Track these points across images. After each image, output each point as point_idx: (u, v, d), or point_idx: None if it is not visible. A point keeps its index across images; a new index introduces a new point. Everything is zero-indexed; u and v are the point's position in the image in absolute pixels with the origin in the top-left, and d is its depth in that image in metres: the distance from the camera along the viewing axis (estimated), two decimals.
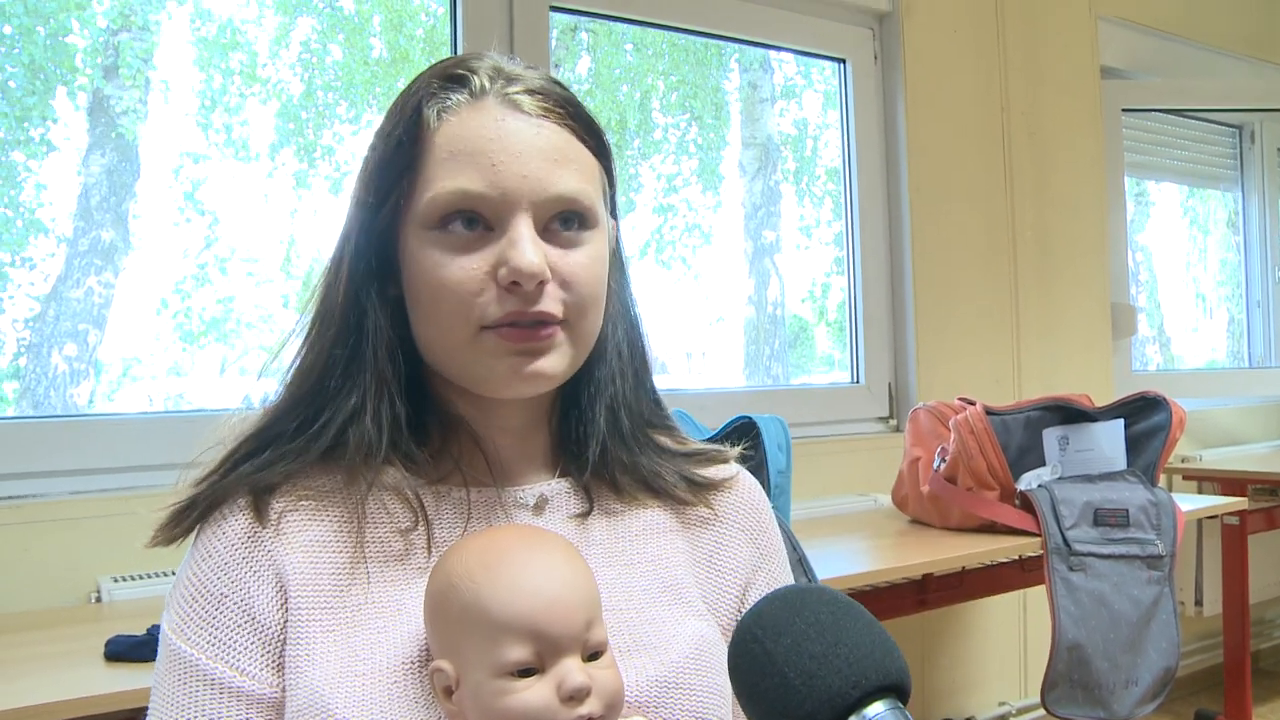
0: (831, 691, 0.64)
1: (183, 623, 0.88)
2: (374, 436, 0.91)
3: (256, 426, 0.94)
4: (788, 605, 0.70)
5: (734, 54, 3.35)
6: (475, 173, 0.88)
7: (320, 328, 0.94)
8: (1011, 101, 3.59)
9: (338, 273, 0.93)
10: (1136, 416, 2.59)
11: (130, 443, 2.15)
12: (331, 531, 0.91)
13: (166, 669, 0.88)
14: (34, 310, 2.25)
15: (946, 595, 2.51)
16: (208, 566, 0.89)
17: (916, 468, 2.64)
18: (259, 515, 0.90)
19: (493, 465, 0.98)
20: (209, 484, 0.91)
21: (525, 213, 0.88)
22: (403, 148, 0.90)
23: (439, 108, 0.90)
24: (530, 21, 2.70)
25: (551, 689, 0.79)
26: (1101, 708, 2.35)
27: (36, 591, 1.98)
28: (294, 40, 2.51)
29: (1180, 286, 4.73)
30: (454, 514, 0.95)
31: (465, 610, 0.81)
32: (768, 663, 0.67)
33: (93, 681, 1.46)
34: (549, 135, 0.90)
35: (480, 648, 0.80)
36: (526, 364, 0.89)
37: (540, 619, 0.80)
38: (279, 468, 0.91)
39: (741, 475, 1.10)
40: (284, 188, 2.49)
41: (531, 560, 0.84)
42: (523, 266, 0.86)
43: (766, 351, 3.42)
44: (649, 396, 1.06)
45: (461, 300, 0.88)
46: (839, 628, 0.67)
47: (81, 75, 2.29)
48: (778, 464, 2.12)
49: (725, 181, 3.31)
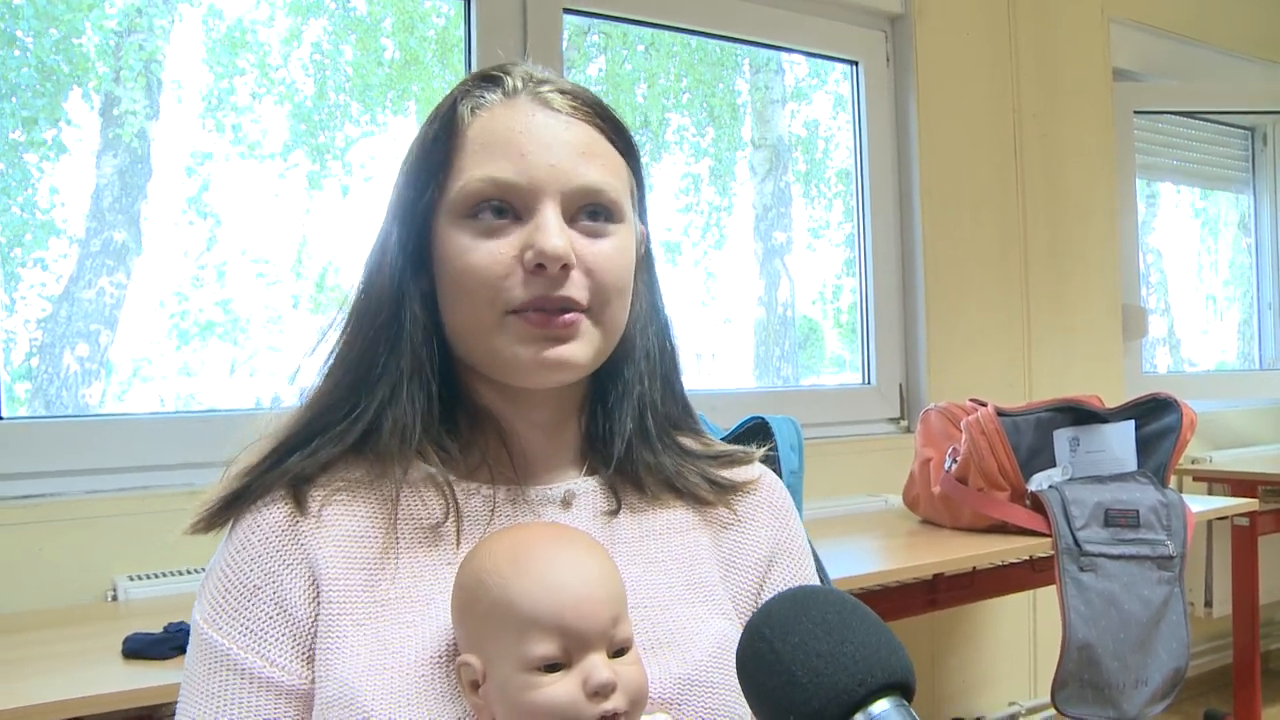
0: (838, 689, 0.64)
1: (215, 613, 0.89)
2: (409, 420, 0.93)
3: (302, 419, 0.95)
4: (795, 605, 0.71)
5: (745, 56, 3.36)
6: (505, 162, 0.91)
7: (363, 320, 0.96)
8: (1023, 103, 3.59)
9: (380, 265, 0.96)
10: (1147, 418, 2.58)
11: (144, 442, 2.16)
12: (364, 524, 0.92)
13: (198, 658, 0.89)
14: (46, 311, 2.26)
15: (957, 595, 2.51)
16: (242, 558, 0.90)
17: (928, 468, 2.65)
18: (299, 506, 0.91)
19: (519, 461, 0.99)
20: (258, 473, 0.93)
21: (553, 200, 0.91)
22: (439, 142, 0.93)
23: (473, 105, 0.94)
24: (543, 23, 2.71)
25: (577, 684, 0.80)
26: (1111, 707, 2.35)
27: (52, 590, 1.99)
28: (305, 41, 2.52)
29: (1191, 289, 4.73)
30: (482, 508, 0.96)
31: (493, 605, 0.82)
32: (775, 661, 0.68)
33: (110, 679, 1.46)
34: (577, 131, 0.94)
35: (507, 642, 0.81)
36: (551, 350, 0.91)
37: (568, 615, 0.81)
38: (321, 455, 0.93)
39: (765, 476, 1.10)
40: (296, 188, 2.50)
41: (559, 557, 0.85)
42: (548, 249, 0.88)
43: (776, 352, 3.42)
44: (677, 400, 1.08)
45: (487, 284, 0.90)
46: (845, 627, 0.68)
47: (93, 77, 2.30)
48: (790, 464, 2.12)
49: (736, 183, 3.31)
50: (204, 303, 2.39)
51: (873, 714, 0.64)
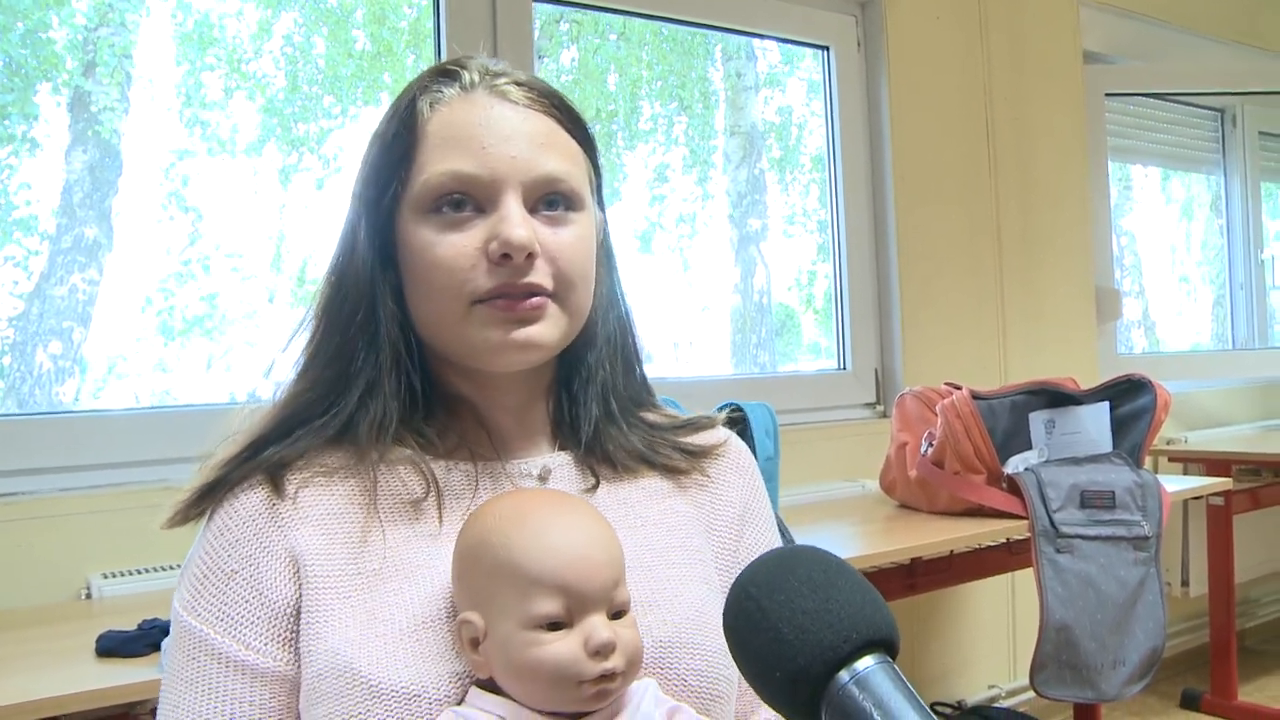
0: (823, 646, 0.65)
1: (193, 599, 0.91)
2: (388, 411, 0.95)
3: (279, 415, 0.97)
4: (781, 564, 0.72)
5: (718, 42, 3.36)
6: (466, 155, 0.92)
7: (337, 316, 0.97)
8: (994, 87, 3.60)
9: (350, 262, 0.97)
10: (1122, 399, 2.60)
11: (118, 439, 2.14)
12: (344, 502, 0.94)
13: (177, 644, 0.91)
14: (18, 308, 2.24)
15: (935, 579, 2.52)
16: (220, 544, 0.92)
17: (904, 453, 2.65)
18: (277, 491, 0.93)
19: (496, 440, 1.01)
20: (235, 464, 0.94)
21: (514, 191, 0.93)
22: (399, 139, 0.95)
23: (431, 100, 0.96)
24: (513, 11, 2.70)
25: (579, 643, 0.83)
26: (1090, 688, 2.36)
27: (26, 589, 1.98)
28: (276, 34, 2.50)
29: (1166, 271, 4.75)
30: (463, 484, 0.98)
31: (498, 564, 0.85)
32: (761, 619, 0.68)
33: (84, 678, 1.46)
34: (535, 122, 0.96)
35: (511, 601, 0.84)
36: (518, 332, 0.93)
37: (571, 575, 0.84)
38: (299, 445, 0.95)
39: (731, 440, 1.14)
40: (269, 183, 2.48)
41: (563, 519, 0.88)
42: (513, 239, 0.90)
43: (753, 340, 3.43)
44: (638, 382, 1.10)
45: (453, 275, 0.92)
46: (830, 585, 0.68)
47: (62, 72, 2.28)
48: (765, 450, 2.13)
49: (711, 170, 3.31)
50: (179, 299, 2.38)
51: (857, 670, 0.64)
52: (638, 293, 3.02)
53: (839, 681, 0.64)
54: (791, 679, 0.65)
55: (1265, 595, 4.49)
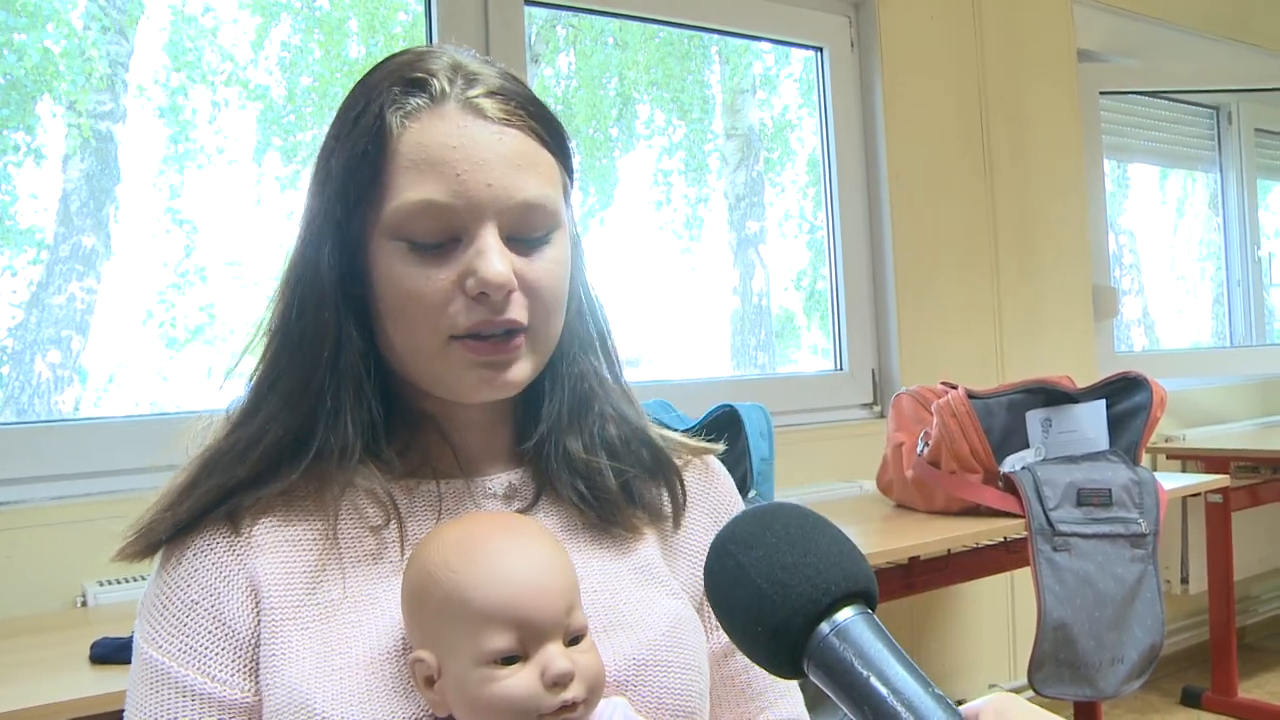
0: (803, 599, 0.66)
1: (154, 631, 0.89)
2: (350, 440, 0.91)
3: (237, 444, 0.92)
4: (758, 520, 0.72)
5: (715, 45, 3.36)
6: (440, 183, 0.87)
7: (299, 342, 0.92)
8: (989, 86, 3.60)
9: (313, 285, 0.92)
10: (1118, 397, 2.60)
11: (113, 447, 2.14)
12: (303, 532, 0.91)
13: (139, 677, 0.89)
14: (16, 318, 2.25)
15: (933, 578, 2.52)
16: (177, 575, 0.90)
17: (900, 453, 2.65)
18: (233, 522, 0.90)
19: (461, 458, 0.99)
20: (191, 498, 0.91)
21: (491, 222, 0.88)
22: (368, 158, 0.89)
23: (400, 114, 0.89)
24: (505, 17, 2.70)
25: (535, 676, 0.80)
26: (1089, 686, 2.36)
27: (21, 597, 1.98)
28: (274, 41, 2.51)
29: (1165, 269, 4.75)
30: (426, 508, 0.95)
31: (445, 600, 0.82)
32: (741, 574, 0.69)
33: (79, 685, 1.45)
34: (511, 141, 0.90)
35: (462, 637, 0.81)
36: (494, 375, 0.90)
37: (522, 607, 0.81)
38: (260, 481, 0.91)
39: (710, 461, 1.11)
40: (267, 191, 2.48)
41: (510, 548, 0.84)
42: (490, 278, 0.86)
43: (753, 342, 3.43)
44: (616, 383, 1.06)
45: (429, 312, 0.88)
46: (808, 539, 0.69)
47: (60, 81, 2.29)
48: (760, 451, 2.14)
49: (709, 174, 3.32)
50: (178, 309, 2.38)
51: (837, 622, 0.65)
52: (637, 293, 3.03)
53: (820, 634, 0.65)
54: (773, 633, 0.66)
55: (1265, 592, 4.48)
